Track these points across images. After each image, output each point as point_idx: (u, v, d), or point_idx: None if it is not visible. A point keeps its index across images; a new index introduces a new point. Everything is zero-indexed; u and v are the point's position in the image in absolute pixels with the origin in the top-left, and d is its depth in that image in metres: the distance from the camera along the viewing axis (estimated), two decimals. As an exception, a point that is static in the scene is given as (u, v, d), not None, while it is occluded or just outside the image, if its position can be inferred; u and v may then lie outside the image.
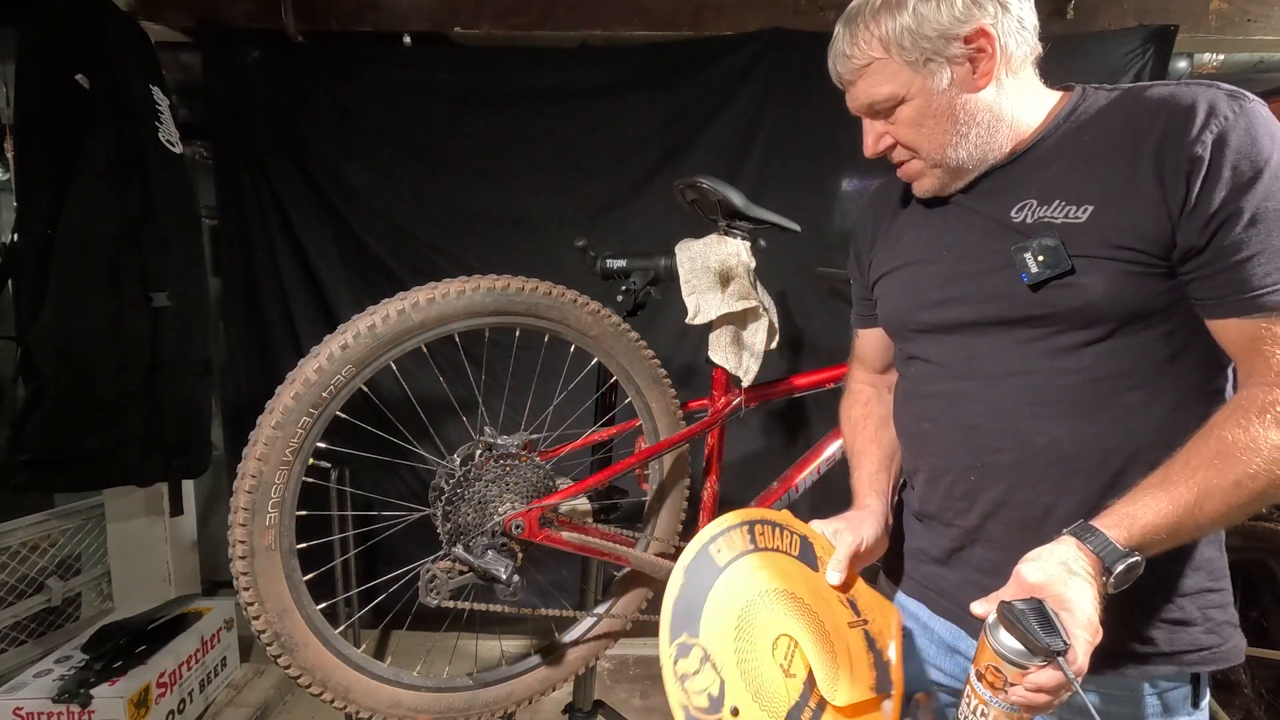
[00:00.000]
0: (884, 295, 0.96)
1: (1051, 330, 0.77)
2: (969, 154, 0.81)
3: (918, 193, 0.88)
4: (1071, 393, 0.77)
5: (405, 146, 2.35)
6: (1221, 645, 0.79)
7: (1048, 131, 0.80)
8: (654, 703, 2.27)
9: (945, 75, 0.78)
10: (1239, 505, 0.66)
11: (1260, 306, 0.67)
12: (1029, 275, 0.75)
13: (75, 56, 1.84)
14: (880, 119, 0.85)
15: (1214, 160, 0.67)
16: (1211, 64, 2.50)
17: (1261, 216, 0.66)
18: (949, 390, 0.86)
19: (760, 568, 0.85)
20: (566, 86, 2.33)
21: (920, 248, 0.90)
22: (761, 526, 0.89)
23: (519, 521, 1.09)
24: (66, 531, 2.36)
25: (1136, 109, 0.75)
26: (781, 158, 2.33)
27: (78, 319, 1.85)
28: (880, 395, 1.07)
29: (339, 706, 1.07)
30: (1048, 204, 0.77)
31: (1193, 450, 0.69)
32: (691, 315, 1.37)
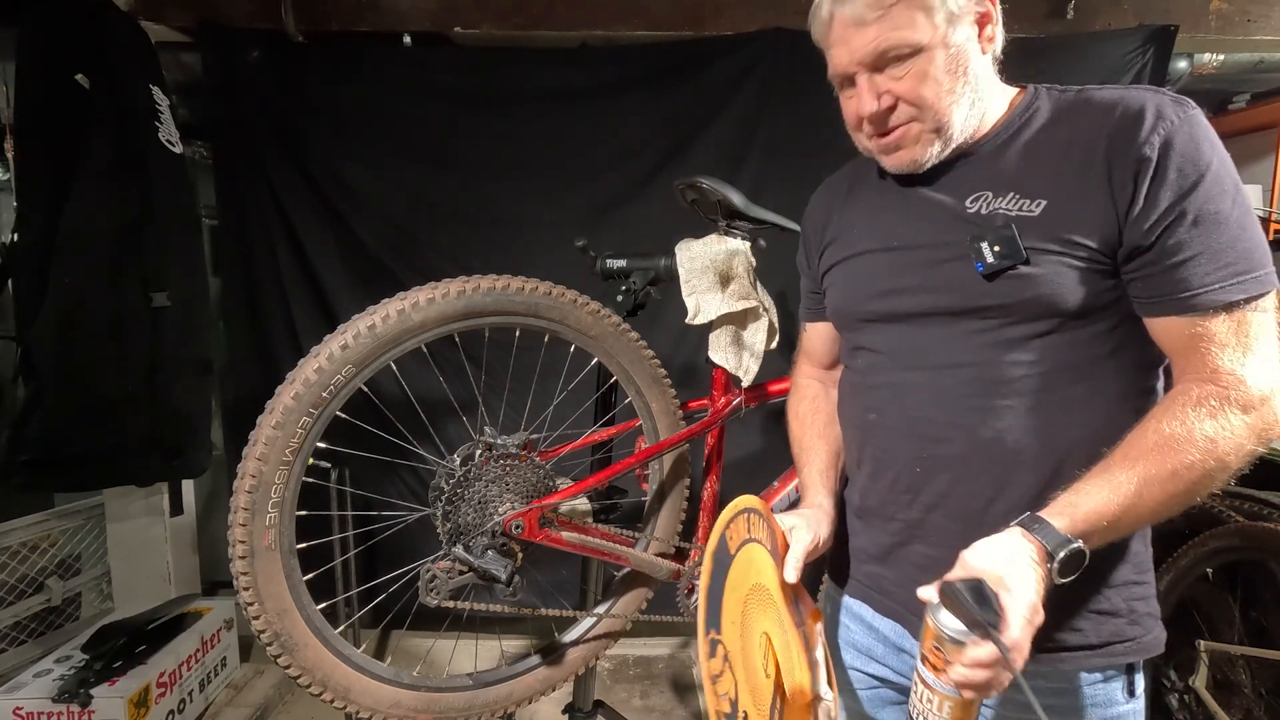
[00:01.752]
0: (833, 285, 0.96)
1: (1000, 322, 0.78)
2: (963, 119, 0.79)
3: (896, 165, 0.84)
4: (1018, 385, 0.77)
5: (405, 146, 2.35)
6: (1143, 636, 0.81)
7: (1003, 127, 0.81)
8: (654, 703, 2.27)
9: (963, 29, 0.77)
10: (1177, 494, 0.69)
11: (1197, 306, 0.70)
12: (985, 265, 0.76)
13: (75, 56, 1.84)
14: (883, 72, 0.79)
15: (1160, 162, 0.70)
16: (1211, 64, 2.50)
17: (1202, 219, 0.69)
18: (896, 381, 0.86)
19: (751, 560, 0.86)
20: (566, 86, 2.33)
21: (872, 237, 0.89)
22: (752, 516, 0.89)
23: (519, 521, 1.09)
24: (66, 531, 2.36)
25: (1088, 111, 0.76)
26: (781, 158, 2.33)
27: (78, 319, 1.85)
28: (827, 391, 1.06)
29: (339, 706, 1.07)
30: (1002, 196, 0.78)
31: (1132, 443, 0.71)
32: (691, 315, 1.37)
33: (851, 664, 0.98)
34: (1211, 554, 1.73)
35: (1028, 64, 0.94)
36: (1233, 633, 1.75)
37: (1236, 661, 1.71)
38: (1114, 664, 0.81)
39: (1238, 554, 1.70)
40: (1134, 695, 0.83)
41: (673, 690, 2.34)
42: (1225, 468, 0.69)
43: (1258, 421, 0.69)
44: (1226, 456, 0.68)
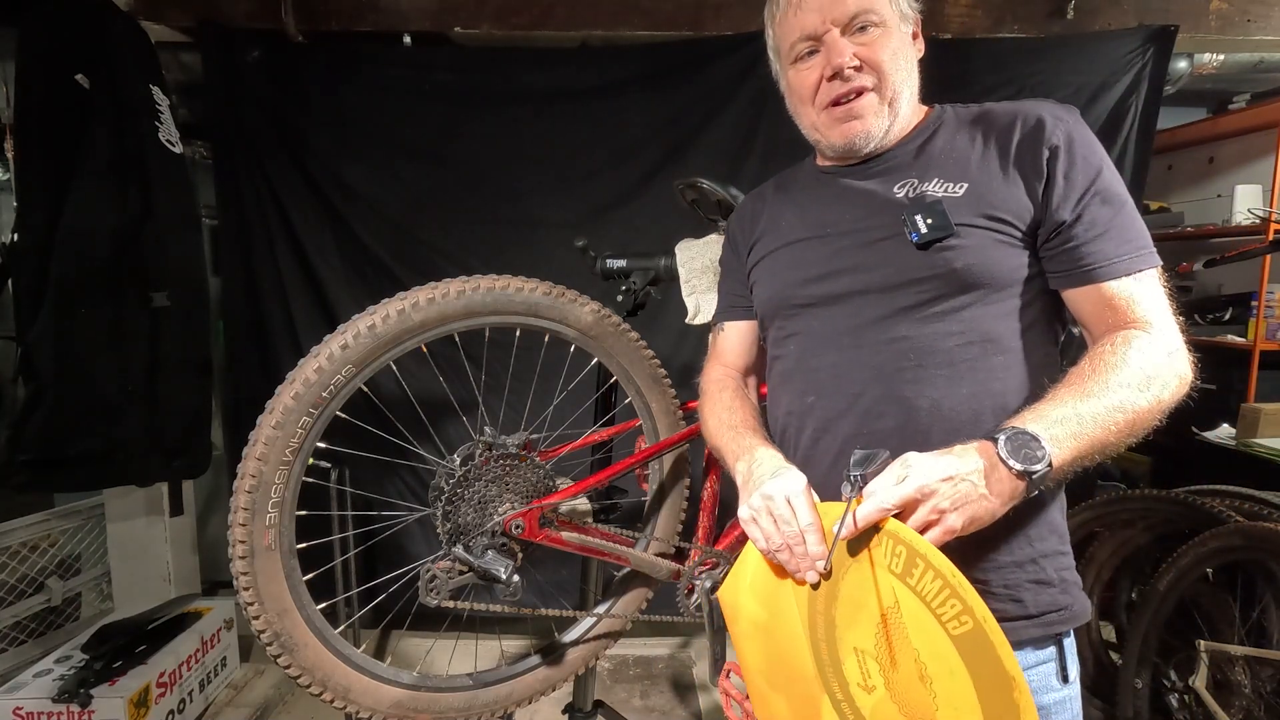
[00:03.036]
0: (764, 277, 1.00)
1: (932, 294, 0.83)
2: (906, 101, 0.89)
3: (843, 138, 0.89)
4: (947, 355, 0.83)
5: (405, 146, 2.35)
6: (1072, 605, 0.85)
7: (920, 131, 0.91)
8: (654, 703, 2.27)
9: (907, 27, 0.90)
10: (1123, 424, 0.73)
11: (1113, 273, 0.80)
12: (919, 235, 0.83)
13: (75, 56, 1.85)
14: (851, 36, 0.87)
15: (1069, 151, 0.81)
16: (1211, 64, 2.50)
17: (1109, 200, 0.80)
18: (834, 361, 0.90)
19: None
20: (566, 86, 2.33)
21: (803, 228, 0.95)
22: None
23: (519, 521, 1.09)
24: (66, 531, 2.36)
25: (992, 116, 0.87)
26: (781, 158, 2.33)
27: (78, 319, 1.85)
28: (740, 386, 1.08)
29: (339, 706, 1.06)
30: (927, 182, 0.86)
31: (1073, 374, 0.77)
32: (691, 315, 1.38)
33: None
34: (1211, 554, 1.73)
35: (1028, 64, 0.96)
36: (1233, 633, 1.75)
37: (1236, 661, 1.71)
38: (1049, 633, 0.83)
39: (1238, 554, 1.70)
40: (1068, 680, 0.85)
41: (673, 690, 2.34)
42: (1158, 402, 0.75)
43: (1177, 363, 0.77)
44: (1156, 389, 0.74)
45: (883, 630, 0.74)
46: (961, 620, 0.68)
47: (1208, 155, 2.94)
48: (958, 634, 0.68)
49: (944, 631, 0.69)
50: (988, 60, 2.31)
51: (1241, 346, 2.62)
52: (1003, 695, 0.66)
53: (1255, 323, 2.58)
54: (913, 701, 0.72)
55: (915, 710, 0.72)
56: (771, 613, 0.86)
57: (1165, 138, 2.74)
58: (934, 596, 0.69)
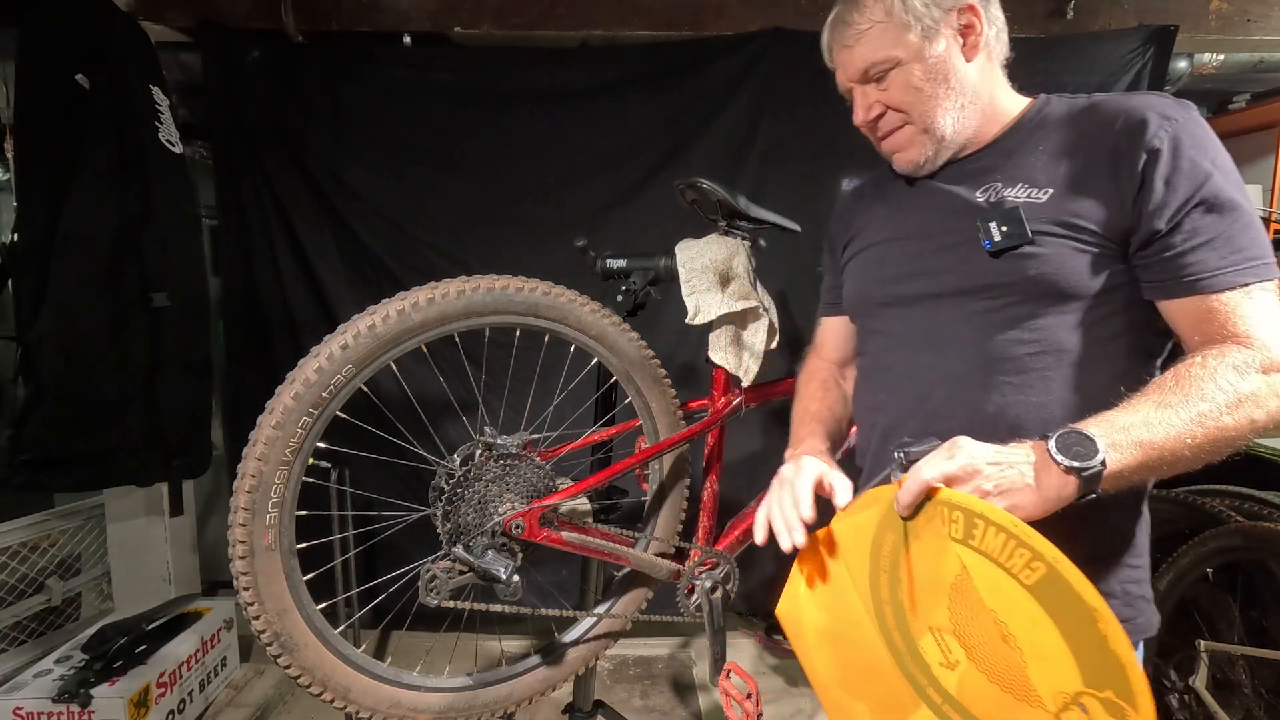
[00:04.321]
0: (851, 275, 1.03)
1: (1004, 302, 0.82)
2: (953, 122, 0.88)
3: (901, 165, 0.93)
4: (1018, 364, 0.82)
5: (405, 146, 2.35)
6: (1137, 618, 0.84)
7: (1014, 128, 0.89)
8: (654, 703, 2.27)
9: (940, 42, 0.86)
10: (1200, 441, 0.69)
11: (1214, 287, 0.75)
12: (991, 243, 0.82)
13: (75, 56, 1.84)
14: (873, 85, 0.90)
15: (1173, 154, 0.75)
16: (1211, 64, 2.50)
17: (1216, 206, 0.75)
18: (905, 361, 0.91)
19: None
20: (566, 86, 2.33)
21: (889, 228, 0.97)
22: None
23: (519, 521, 1.09)
24: (66, 531, 2.36)
25: (1095, 112, 0.83)
26: (781, 158, 2.33)
27: (78, 319, 1.85)
28: (832, 375, 1.13)
29: (339, 706, 1.06)
30: (1012, 186, 0.84)
31: (1153, 382, 0.74)
32: (691, 315, 1.37)
33: None
34: (1211, 554, 1.73)
35: (1028, 64, 0.96)
36: (1233, 633, 1.75)
37: (1236, 661, 1.71)
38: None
39: (1238, 554, 1.70)
40: None
41: (673, 690, 2.34)
42: (1253, 424, 0.69)
43: (1277, 384, 0.71)
44: (1253, 413, 0.69)
45: (955, 601, 0.73)
46: (1033, 567, 0.66)
47: (1208, 155, 2.94)
48: (1032, 582, 0.67)
49: (1018, 583, 0.68)
50: (988, 60, 2.30)
51: (1241, 346, 2.61)
52: (1089, 631, 0.64)
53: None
54: (1000, 665, 0.71)
55: (1004, 674, 0.71)
56: (835, 616, 0.86)
57: (1165, 138, 2.73)
58: (1000, 551, 0.68)
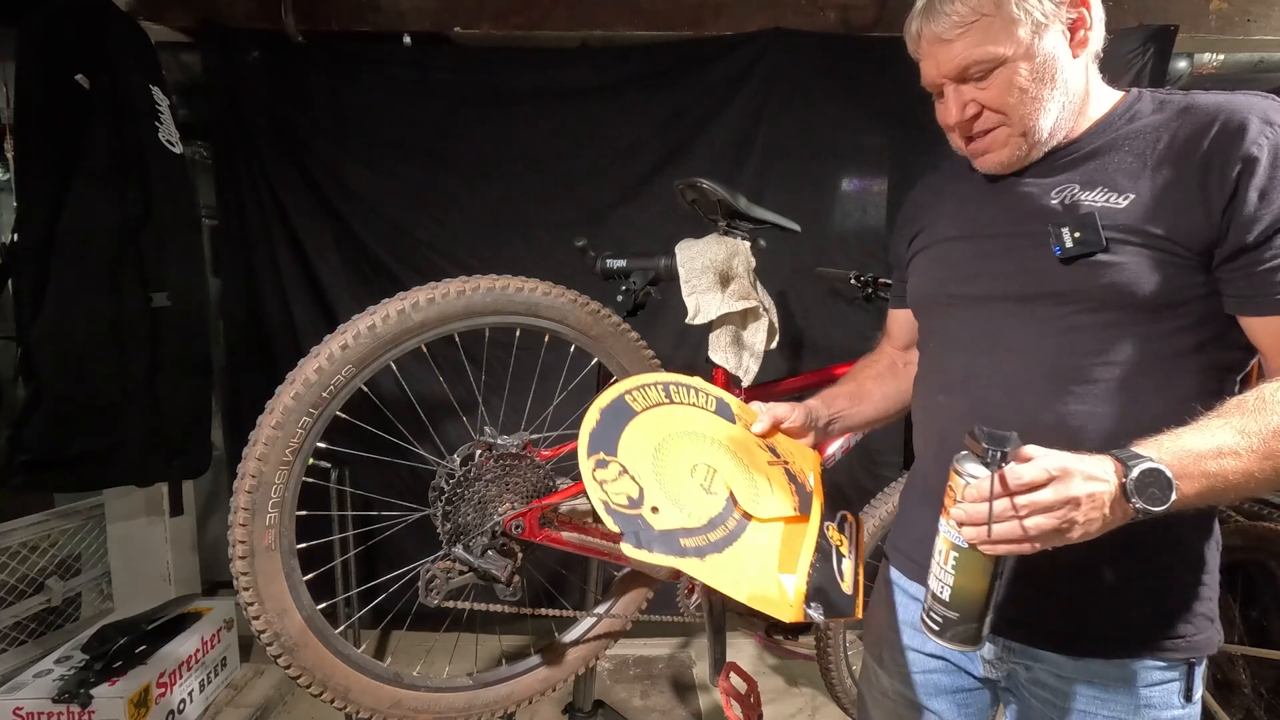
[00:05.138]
0: (917, 271, 0.99)
1: (1072, 309, 0.79)
2: (1052, 123, 0.81)
3: (987, 166, 0.87)
4: (1082, 374, 0.78)
5: (405, 146, 2.35)
6: (1196, 635, 0.81)
7: (1101, 127, 0.82)
8: (654, 703, 2.27)
9: (1052, 37, 0.78)
10: (1270, 464, 0.67)
11: None
12: (1062, 249, 0.77)
13: (75, 56, 1.84)
14: (970, 83, 0.81)
15: (1271, 164, 0.70)
16: (1211, 64, 2.50)
17: None
18: (965, 363, 0.88)
19: (675, 416, 0.95)
20: (566, 86, 2.33)
21: (958, 226, 0.92)
22: (677, 386, 0.99)
23: (519, 521, 1.09)
24: (66, 531, 2.36)
25: (1190, 113, 0.77)
26: (781, 158, 2.33)
27: (78, 319, 1.85)
28: (895, 362, 1.13)
29: (339, 706, 1.06)
30: (1089, 190, 0.79)
31: (1231, 403, 0.70)
32: (691, 315, 1.38)
33: (909, 644, 0.98)
34: (1211, 554, 1.72)
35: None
36: (1233, 633, 1.75)
37: (1236, 661, 1.71)
38: (1166, 659, 0.81)
39: (1238, 554, 1.70)
40: (1191, 700, 0.83)
41: (673, 690, 2.34)
42: None
43: None
44: None
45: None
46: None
47: (1208, 155, 2.94)
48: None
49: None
50: (988, 60, 2.30)
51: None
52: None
53: (1255, 323, 2.57)
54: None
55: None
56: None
57: (1165, 138, 2.73)
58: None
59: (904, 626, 0.99)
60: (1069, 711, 0.84)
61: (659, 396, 0.97)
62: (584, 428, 0.87)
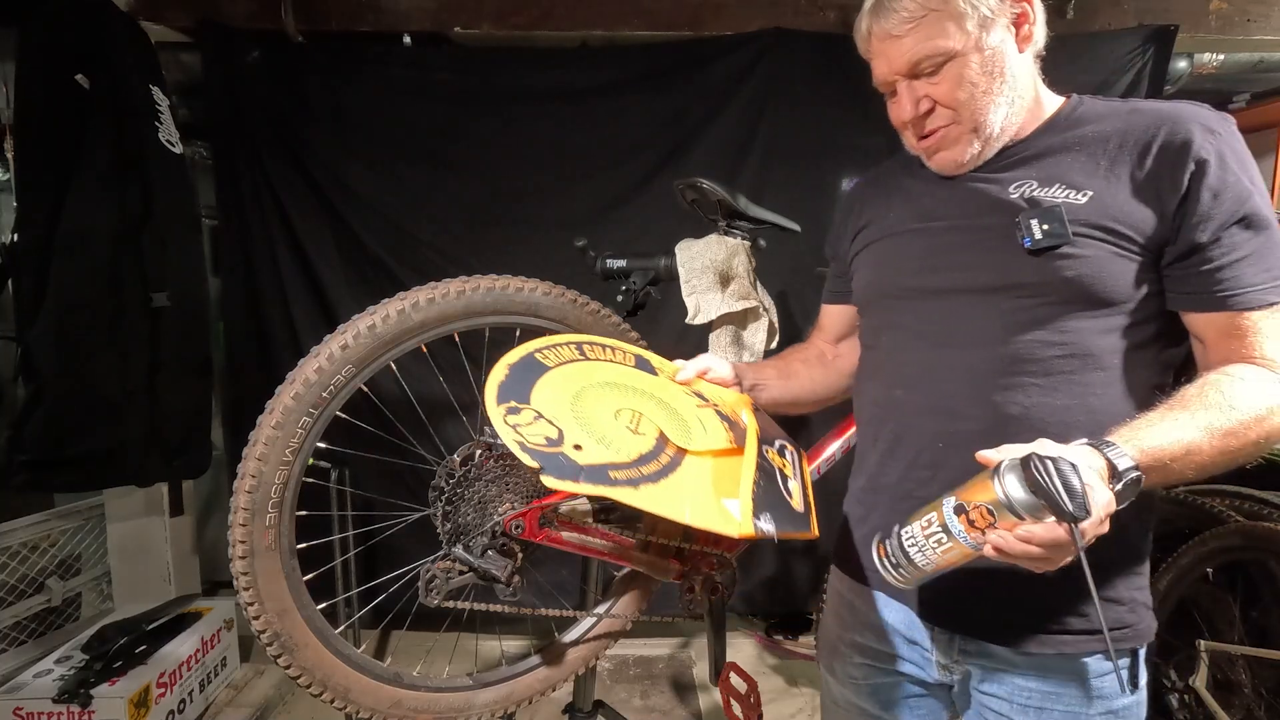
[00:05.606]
0: (865, 265, 0.99)
1: (1036, 301, 0.80)
2: (1003, 118, 0.83)
3: (941, 165, 0.88)
4: (1044, 365, 0.80)
5: (405, 146, 2.35)
6: (1139, 623, 0.84)
7: (1049, 126, 0.85)
8: (654, 703, 2.27)
9: (998, 32, 0.80)
10: (1227, 453, 0.71)
11: (1246, 303, 0.75)
12: (1032, 240, 0.79)
13: (75, 56, 1.84)
14: (922, 79, 0.83)
15: (1220, 168, 0.74)
16: (1211, 64, 2.50)
17: (1254, 223, 0.74)
18: (925, 357, 0.88)
19: (592, 370, 0.94)
20: (566, 86, 2.33)
21: (910, 219, 0.93)
22: (591, 345, 0.99)
23: (519, 522, 1.09)
24: (66, 531, 2.36)
25: (1137, 116, 0.80)
26: (781, 158, 2.33)
27: (78, 319, 1.85)
28: (824, 353, 1.14)
29: (339, 706, 1.06)
30: (1048, 186, 0.81)
31: (1191, 395, 0.73)
32: (691, 315, 1.38)
33: (860, 654, 0.98)
34: (1211, 554, 1.73)
35: (1028, 64, 0.96)
36: (1233, 633, 1.75)
37: (1236, 661, 1.71)
38: (1113, 648, 0.82)
39: (1238, 554, 1.70)
40: (1137, 688, 0.85)
41: (673, 690, 2.34)
42: (1271, 440, 0.72)
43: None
44: (1273, 430, 0.71)
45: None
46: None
47: (1208, 155, 2.94)
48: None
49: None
50: (988, 60, 2.31)
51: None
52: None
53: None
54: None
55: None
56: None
57: (1165, 138, 2.74)
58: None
59: (854, 635, 0.99)
60: (1025, 709, 0.85)
61: (572, 354, 0.96)
62: (491, 380, 0.86)
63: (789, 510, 0.86)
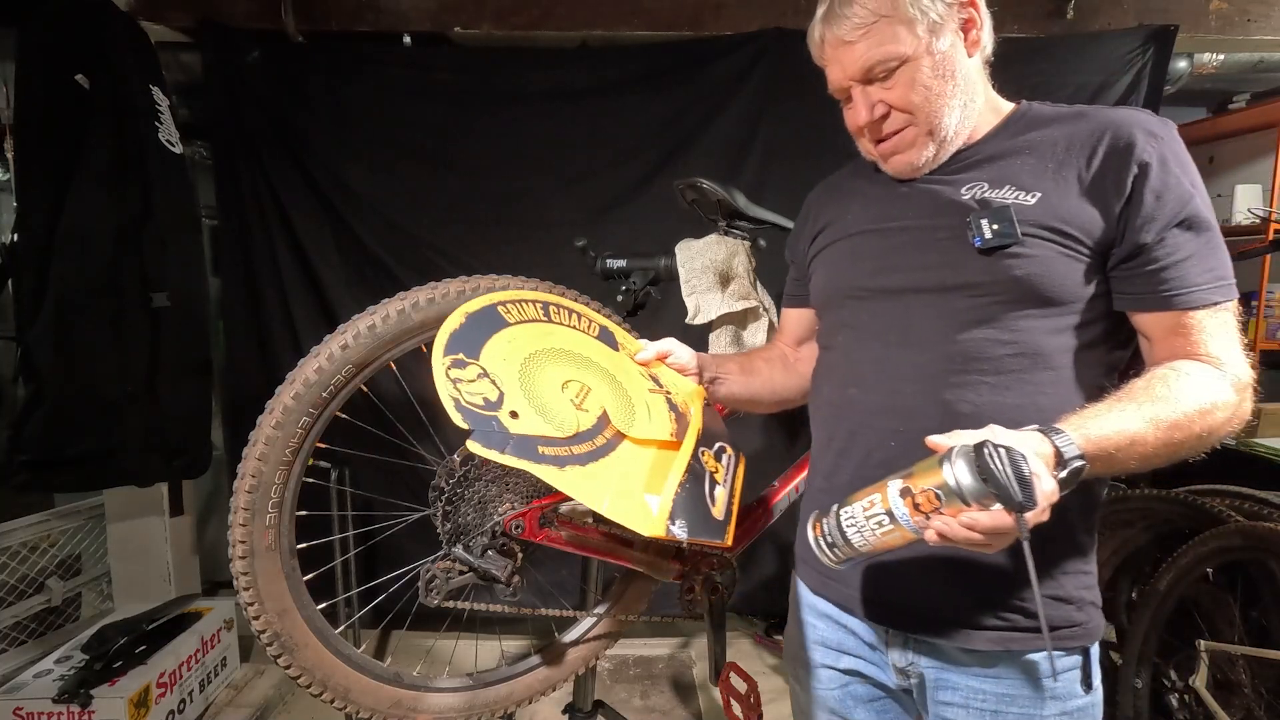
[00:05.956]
0: (822, 266, 1.00)
1: (988, 300, 0.82)
2: (957, 121, 0.85)
3: (898, 168, 0.89)
4: (995, 364, 0.81)
5: (405, 146, 2.35)
6: (1088, 622, 0.85)
7: (999, 131, 0.87)
8: (654, 703, 2.27)
9: (947, 36, 0.82)
10: (1171, 445, 0.73)
11: (1189, 303, 0.77)
12: (982, 240, 0.81)
13: (75, 56, 1.84)
14: (875, 84, 0.85)
15: (1161, 170, 0.77)
16: (1211, 64, 2.50)
17: (1195, 225, 0.77)
18: (879, 356, 0.89)
19: (553, 333, 0.92)
20: (566, 86, 2.33)
21: (868, 220, 0.94)
22: (557, 308, 0.97)
23: (519, 522, 1.09)
24: (66, 531, 2.36)
25: (1083, 120, 0.83)
26: (781, 158, 2.33)
27: (78, 319, 1.85)
28: (786, 355, 1.14)
29: (339, 706, 1.06)
30: (998, 188, 0.83)
31: (1139, 387, 0.75)
32: (691, 315, 1.38)
33: (823, 662, 0.98)
34: (1211, 554, 1.73)
35: (1028, 64, 0.96)
36: (1233, 633, 1.75)
37: (1236, 661, 1.71)
38: (1062, 648, 0.84)
39: (1238, 554, 1.70)
40: (1091, 688, 0.85)
41: (673, 690, 2.34)
42: (1213, 434, 0.74)
43: (1240, 404, 0.75)
44: (1218, 424, 0.73)
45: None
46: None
47: (1208, 155, 2.94)
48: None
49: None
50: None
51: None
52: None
53: (1255, 322, 2.58)
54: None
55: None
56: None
57: (1165, 137, 2.74)
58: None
59: (814, 646, 0.99)
60: (981, 713, 0.85)
61: (535, 313, 0.94)
62: (445, 327, 0.84)
63: (706, 516, 0.87)
